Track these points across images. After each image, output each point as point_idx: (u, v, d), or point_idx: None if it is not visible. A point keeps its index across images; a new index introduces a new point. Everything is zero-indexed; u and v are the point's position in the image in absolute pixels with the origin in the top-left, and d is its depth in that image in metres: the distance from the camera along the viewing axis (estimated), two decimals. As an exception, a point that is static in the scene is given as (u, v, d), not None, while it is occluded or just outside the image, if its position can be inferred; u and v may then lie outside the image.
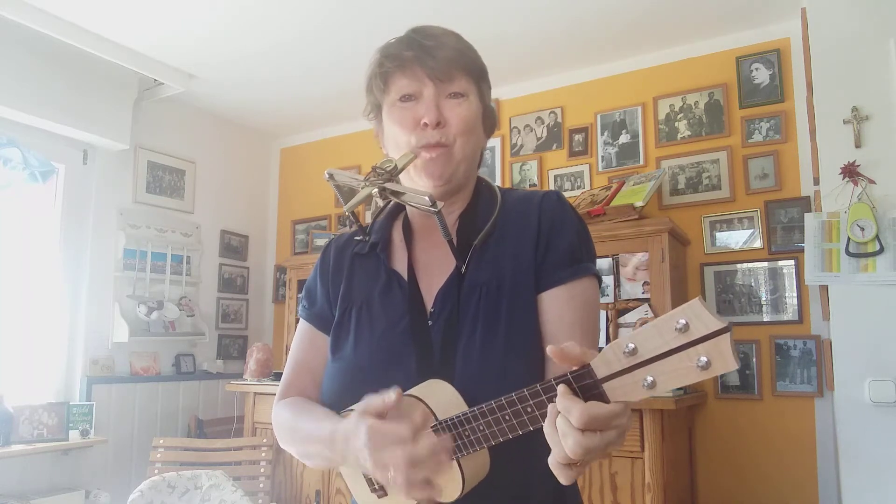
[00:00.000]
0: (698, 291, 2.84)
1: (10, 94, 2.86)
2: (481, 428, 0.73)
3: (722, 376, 2.75)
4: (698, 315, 0.55)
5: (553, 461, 0.65)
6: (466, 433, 0.75)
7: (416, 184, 0.94)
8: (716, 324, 0.54)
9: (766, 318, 2.71)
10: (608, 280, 2.70)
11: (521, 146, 3.43)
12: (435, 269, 0.95)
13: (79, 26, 2.84)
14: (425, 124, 0.90)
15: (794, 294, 2.67)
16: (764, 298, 2.73)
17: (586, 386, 0.62)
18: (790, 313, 2.67)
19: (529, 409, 0.68)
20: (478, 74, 0.98)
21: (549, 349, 0.65)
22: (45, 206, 3.18)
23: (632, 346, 0.59)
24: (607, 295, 2.69)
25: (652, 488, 2.16)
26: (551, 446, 0.65)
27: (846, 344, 2.01)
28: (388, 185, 0.86)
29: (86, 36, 2.88)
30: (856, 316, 2.00)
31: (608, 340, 2.64)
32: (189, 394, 3.61)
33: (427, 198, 0.83)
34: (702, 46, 3.00)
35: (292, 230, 4.19)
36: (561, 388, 0.63)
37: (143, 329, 3.37)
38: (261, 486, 2.97)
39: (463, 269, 0.92)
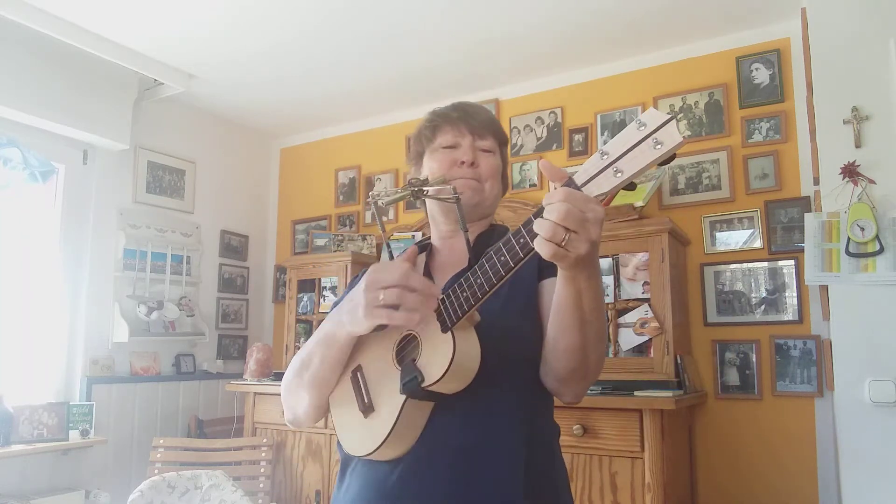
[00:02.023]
0: (698, 291, 2.84)
1: (10, 94, 2.86)
2: (481, 275, 0.84)
3: (721, 376, 2.75)
4: (652, 115, 0.71)
5: (538, 239, 0.75)
6: (465, 290, 0.86)
7: (448, 210, 1.13)
8: (664, 116, 0.70)
9: (766, 318, 2.71)
10: (608, 280, 2.70)
11: (522, 146, 3.43)
12: (449, 270, 1.10)
13: (79, 26, 2.84)
14: (462, 163, 1.11)
15: (794, 294, 2.67)
16: (764, 298, 2.73)
17: None
18: (790, 313, 2.67)
19: (522, 241, 0.79)
20: (502, 140, 1.19)
21: (540, 163, 0.80)
22: (45, 206, 3.17)
23: (604, 151, 0.73)
24: (607, 295, 2.69)
25: (652, 488, 2.16)
26: (538, 232, 0.75)
27: (846, 344, 2.01)
28: (419, 188, 1.05)
29: (86, 36, 2.88)
30: (856, 316, 2.00)
31: (607, 340, 2.64)
32: (189, 394, 3.61)
33: (452, 188, 1.02)
34: (702, 46, 3.00)
35: (292, 230, 4.19)
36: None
37: (143, 329, 3.37)
38: (261, 486, 2.97)
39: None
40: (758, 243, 2.77)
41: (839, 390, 2.01)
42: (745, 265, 2.78)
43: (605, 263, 2.71)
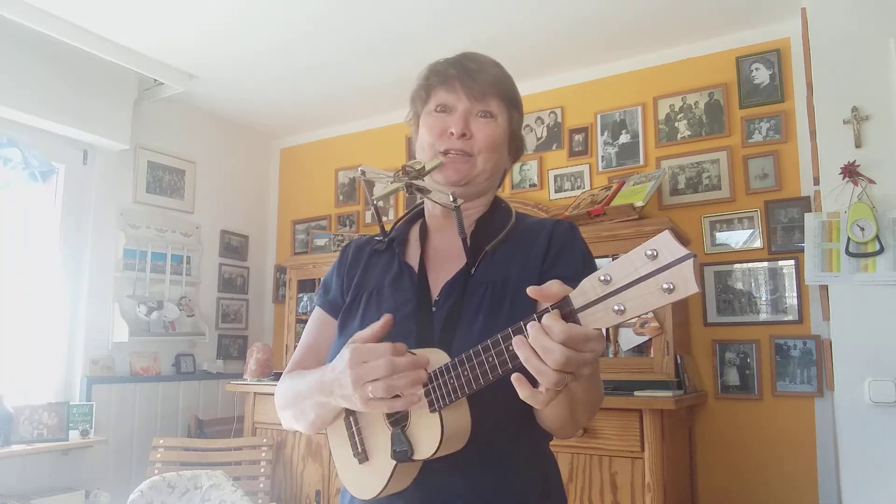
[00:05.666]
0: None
1: (10, 94, 2.86)
2: (465, 373, 0.78)
3: (721, 376, 2.75)
4: (667, 245, 0.63)
5: (526, 390, 0.71)
6: (452, 379, 0.80)
7: (438, 184, 1.02)
8: (681, 251, 0.62)
9: (766, 318, 2.71)
10: (608, 280, 2.69)
11: (521, 146, 3.42)
12: (445, 264, 1.03)
13: (79, 26, 2.84)
14: (451, 133, 1.00)
15: (794, 294, 2.67)
16: (764, 298, 2.73)
17: (564, 315, 0.68)
18: (790, 313, 2.67)
19: (511, 348, 0.72)
20: (510, 102, 1.06)
21: (529, 289, 0.70)
22: (45, 206, 3.17)
23: (606, 275, 0.65)
24: (607, 295, 2.69)
25: (652, 488, 2.16)
26: (526, 366, 0.70)
27: (846, 344, 2.01)
28: (415, 182, 0.97)
29: (86, 36, 2.89)
30: (856, 316, 2.00)
31: (607, 340, 2.64)
32: (189, 394, 3.61)
33: (450, 195, 0.93)
34: (702, 46, 3.00)
35: (292, 230, 4.19)
36: (548, 314, 0.69)
37: (143, 329, 3.37)
38: (261, 486, 2.97)
39: (473, 271, 0.98)
40: (758, 243, 2.77)
41: (839, 390, 2.01)
42: (745, 265, 2.78)
43: (605, 263, 2.70)
